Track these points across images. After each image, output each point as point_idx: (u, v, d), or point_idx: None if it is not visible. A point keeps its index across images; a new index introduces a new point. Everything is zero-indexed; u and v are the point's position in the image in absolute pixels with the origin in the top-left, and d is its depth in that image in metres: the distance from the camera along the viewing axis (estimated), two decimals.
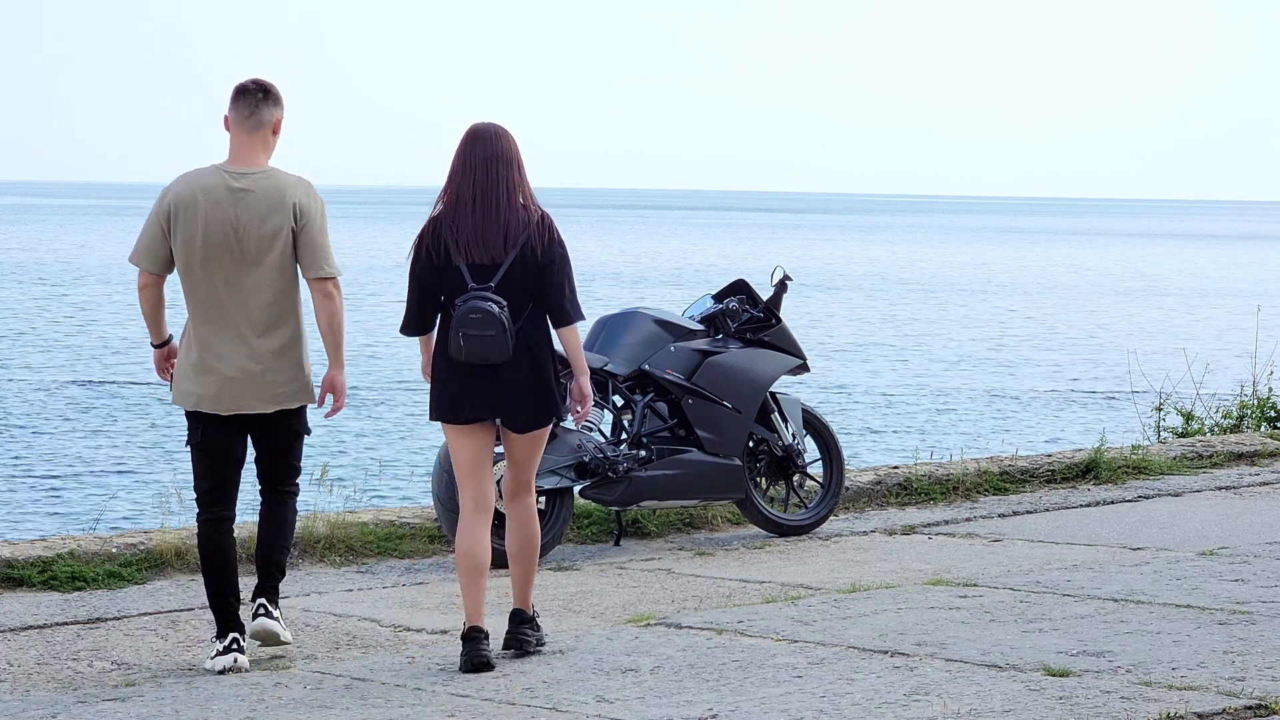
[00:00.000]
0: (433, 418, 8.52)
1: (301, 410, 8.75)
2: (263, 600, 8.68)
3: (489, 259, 8.32)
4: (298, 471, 8.87)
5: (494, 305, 8.23)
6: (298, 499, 8.91)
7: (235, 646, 8.51)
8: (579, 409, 8.57)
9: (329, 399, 8.74)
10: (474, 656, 8.23)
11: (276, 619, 8.66)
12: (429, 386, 8.53)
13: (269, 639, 8.66)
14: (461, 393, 8.37)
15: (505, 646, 8.48)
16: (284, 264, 8.57)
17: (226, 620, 8.59)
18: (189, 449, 8.70)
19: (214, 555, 8.62)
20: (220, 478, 8.67)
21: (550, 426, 8.55)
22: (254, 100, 8.63)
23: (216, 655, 8.49)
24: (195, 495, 8.73)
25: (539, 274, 8.35)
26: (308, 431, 8.83)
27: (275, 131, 8.68)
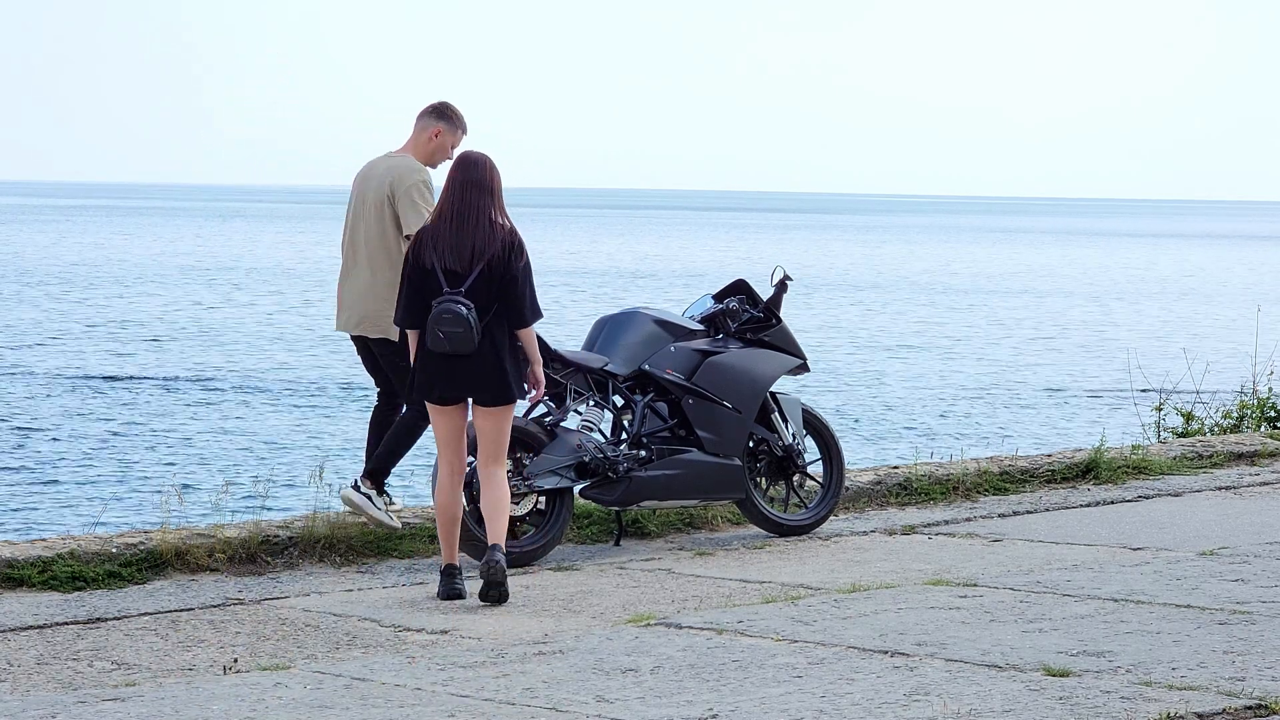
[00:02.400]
0: (409, 398, 10.38)
1: (381, 341, 11.11)
2: (357, 479, 11.07)
3: (461, 267, 9.94)
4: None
5: (463, 307, 9.85)
6: (401, 411, 11.17)
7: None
8: (534, 392, 10.24)
9: None
10: (450, 588, 9.97)
11: (363, 493, 11.00)
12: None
13: (351, 507, 11.03)
14: (435, 376, 10.01)
15: (485, 571, 9.83)
16: (381, 221, 11.05)
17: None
18: None
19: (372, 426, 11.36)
20: (376, 379, 11.36)
21: (511, 407, 10.09)
22: (425, 112, 11.24)
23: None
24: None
25: (502, 283, 9.93)
26: (406, 360, 10.57)
27: (431, 139, 11.20)
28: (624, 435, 11.44)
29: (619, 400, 11.54)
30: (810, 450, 12.09)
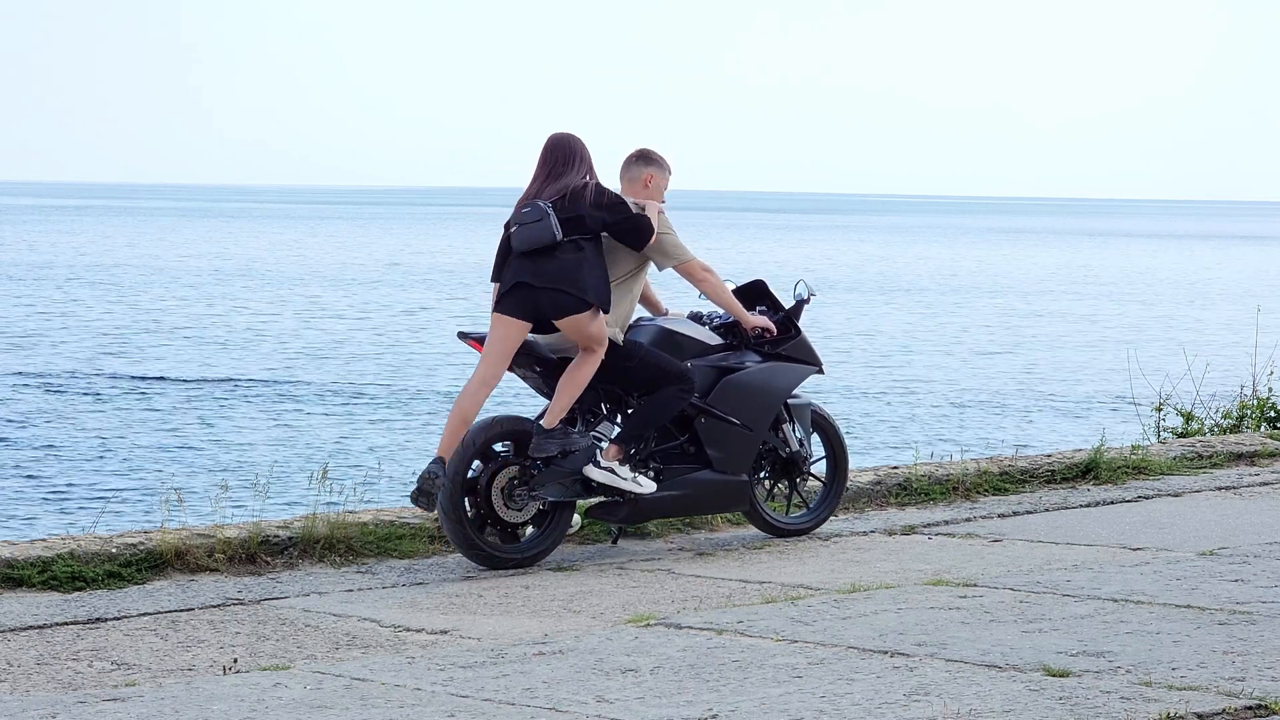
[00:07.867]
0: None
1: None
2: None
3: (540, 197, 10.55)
4: None
5: (541, 203, 10.44)
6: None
7: None
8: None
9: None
10: (428, 472, 10.36)
11: (604, 467, 10.92)
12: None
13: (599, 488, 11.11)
14: (519, 271, 10.51)
15: (534, 449, 10.57)
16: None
17: None
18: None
19: None
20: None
21: (591, 313, 10.51)
22: (633, 160, 11.35)
23: None
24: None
25: (585, 215, 10.53)
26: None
27: (645, 184, 11.31)
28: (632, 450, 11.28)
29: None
30: (815, 449, 12.03)
